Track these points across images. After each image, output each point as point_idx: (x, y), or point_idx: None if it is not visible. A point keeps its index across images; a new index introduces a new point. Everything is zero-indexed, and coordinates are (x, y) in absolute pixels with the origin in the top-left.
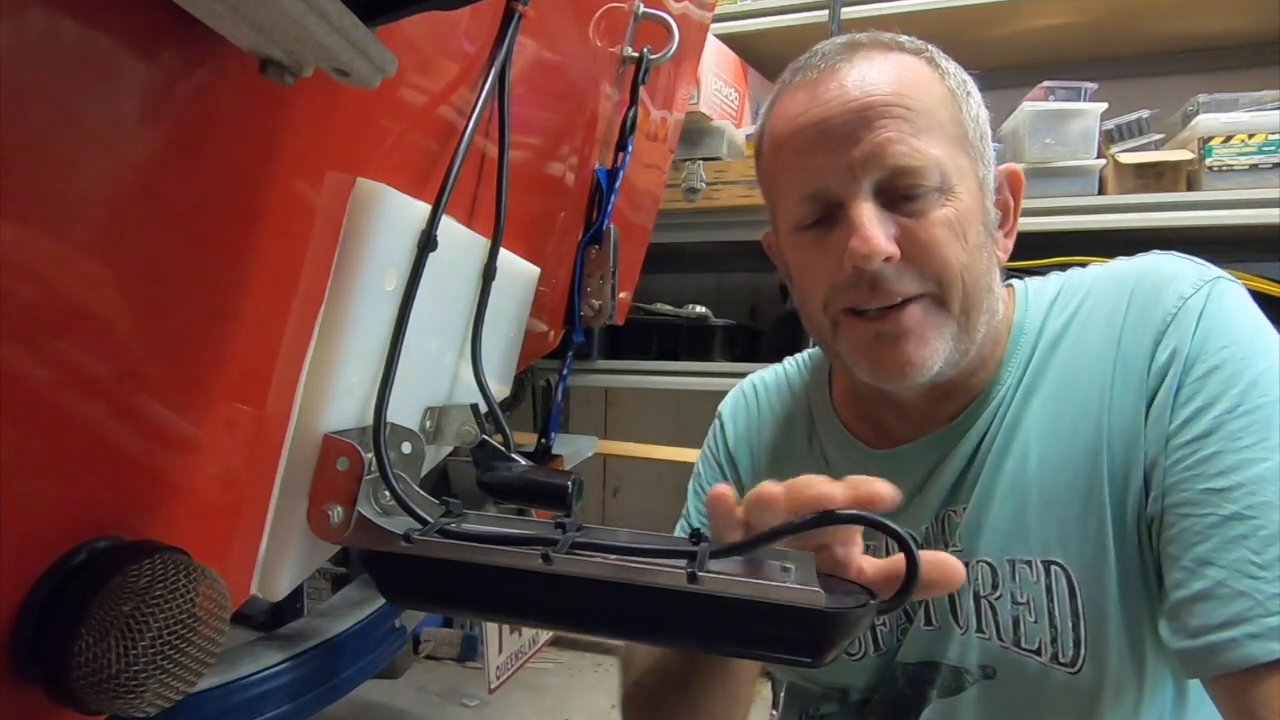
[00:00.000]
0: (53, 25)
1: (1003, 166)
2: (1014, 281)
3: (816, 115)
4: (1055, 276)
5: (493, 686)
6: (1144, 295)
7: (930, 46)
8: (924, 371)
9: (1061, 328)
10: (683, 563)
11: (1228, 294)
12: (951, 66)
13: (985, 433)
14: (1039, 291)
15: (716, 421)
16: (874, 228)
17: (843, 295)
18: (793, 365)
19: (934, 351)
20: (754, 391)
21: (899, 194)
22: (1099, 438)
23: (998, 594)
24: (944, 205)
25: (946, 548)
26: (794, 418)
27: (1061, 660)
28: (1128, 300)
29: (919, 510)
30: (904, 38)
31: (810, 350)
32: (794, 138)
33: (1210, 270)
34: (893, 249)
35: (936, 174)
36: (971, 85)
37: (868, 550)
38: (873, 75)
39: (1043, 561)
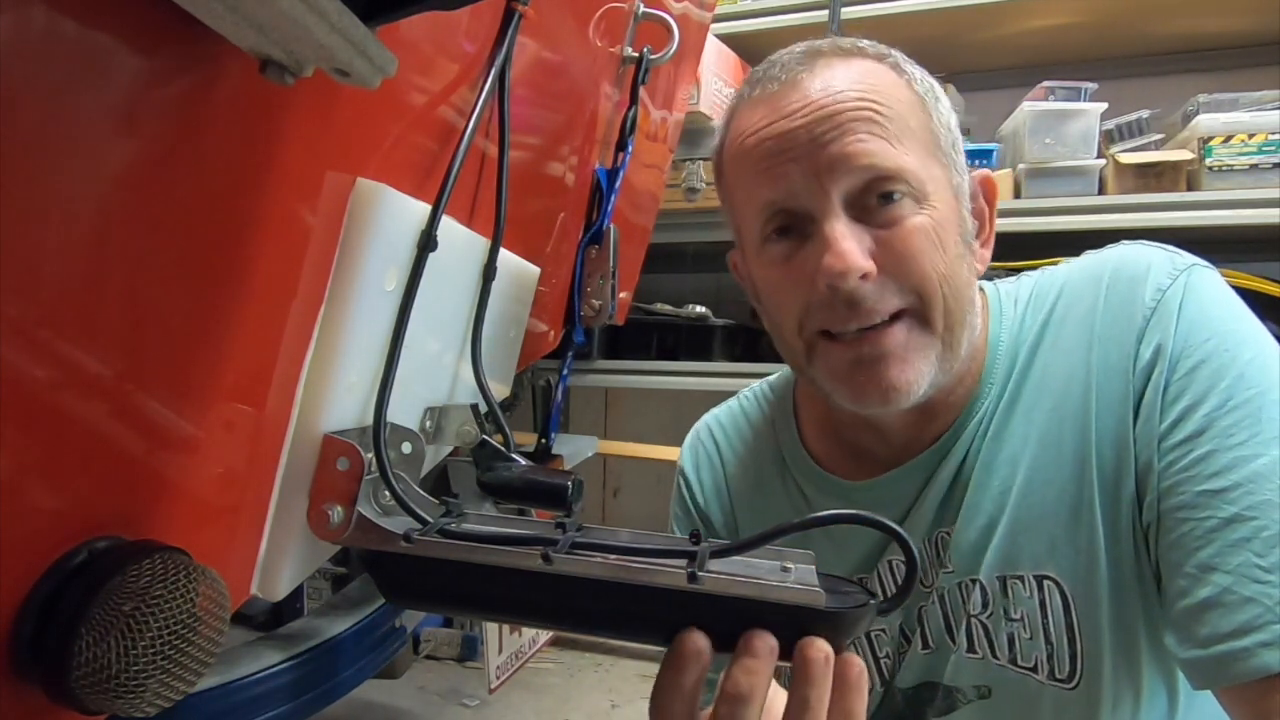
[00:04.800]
0: (52, 25)
1: (976, 172)
2: (984, 285)
3: (780, 127)
4: (1026, 277)
5: (493, 686)
6: (1119, 290)
7: (894, 51)
8: (909, 395)
9: (1038, 332)
10: (683, 563)
11: (1204, 282)
12: (918, 72)
13: (969, 449)
14: (1010, 295)
15: (680, 480)
16: (848, 242)
17: (818, 316)
18: (750, 399)
19: (917, 374)
20: (712, 440)
21: (872, 204)
22: (1086, 444)
23: (988, 613)
24: (919, 213)
25: (941, 569)
26: (762, 458)
27: (1058, 676)
28: (1103, 296)
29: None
30: (865, 43)
31: (768, 380)
32: (756, 149)
33: (1184, 257)
34: (869, 265)
35: (911, 180)
36: (939, 90)
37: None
38: (837, 81)
39: (1035, 576)
